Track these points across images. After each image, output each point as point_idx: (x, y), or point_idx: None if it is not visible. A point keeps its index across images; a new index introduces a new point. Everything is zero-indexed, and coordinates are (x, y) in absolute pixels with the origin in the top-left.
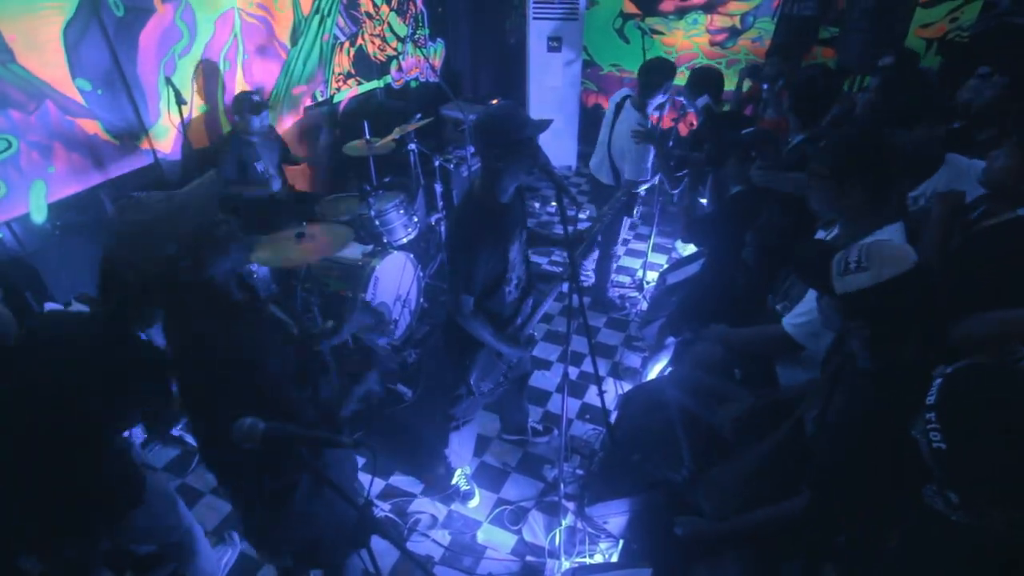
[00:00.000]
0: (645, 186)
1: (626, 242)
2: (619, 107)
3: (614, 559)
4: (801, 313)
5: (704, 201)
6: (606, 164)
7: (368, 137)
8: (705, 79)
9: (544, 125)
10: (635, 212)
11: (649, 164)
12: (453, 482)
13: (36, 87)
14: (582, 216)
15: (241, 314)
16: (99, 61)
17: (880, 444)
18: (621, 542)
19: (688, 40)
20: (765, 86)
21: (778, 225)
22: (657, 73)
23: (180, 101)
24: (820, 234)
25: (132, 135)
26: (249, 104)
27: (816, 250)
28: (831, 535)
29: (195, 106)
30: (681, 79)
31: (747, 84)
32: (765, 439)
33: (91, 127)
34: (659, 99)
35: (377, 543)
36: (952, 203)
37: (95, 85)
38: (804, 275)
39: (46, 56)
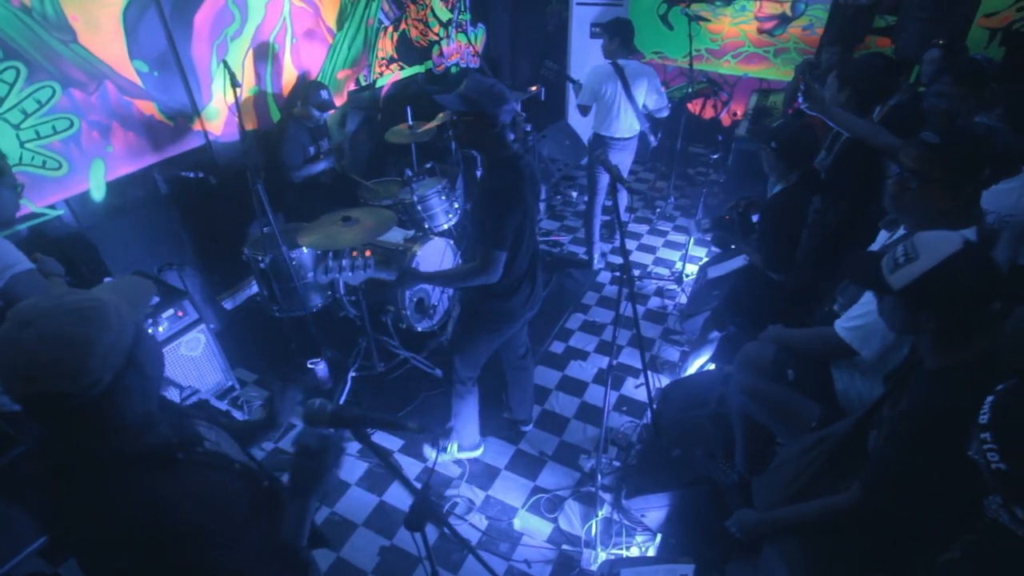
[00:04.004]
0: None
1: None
2: (616, 68)
3: (650, 553)
4: (855, 316)
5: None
6: (636, 119)
7: (411, 122)
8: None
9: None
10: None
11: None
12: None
13: (97, 68)
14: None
15: (169, 463)
16: (156, 43)
17: (941, 447)
18: (659, 536)
19: (735, 27)
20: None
21: (830, 223)
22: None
23: (235, 84)
24: (883, 235)
25: (185, 116)
26: (317, 100)
27: (866, 259)
28: (877, 539)
29: (245, 88)
30: (727, 68)
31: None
32: (818, 444)
33: (147, 108)
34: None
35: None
36: None
37: (151, 66)
38: (860, 282)
39: (106, 37)
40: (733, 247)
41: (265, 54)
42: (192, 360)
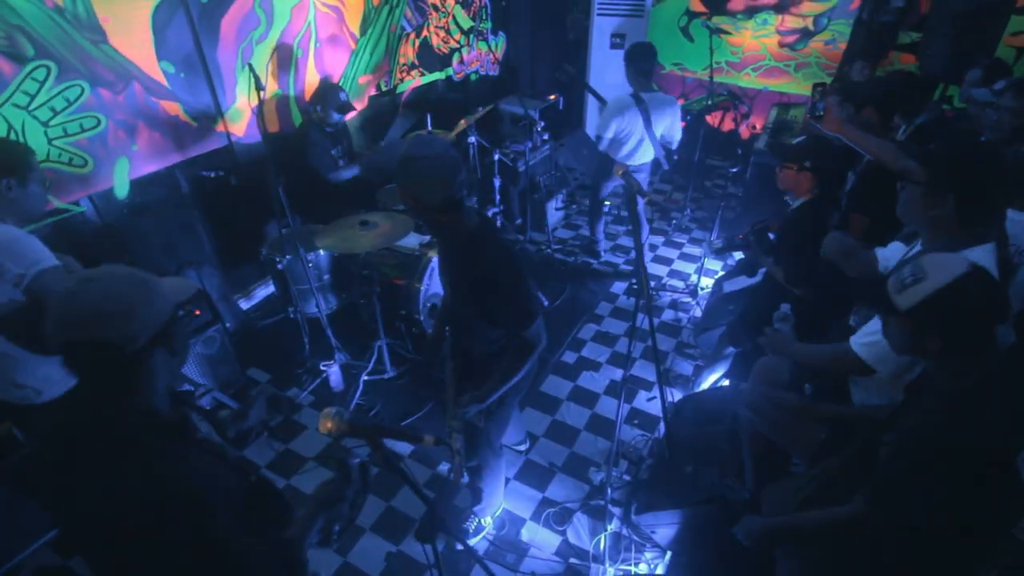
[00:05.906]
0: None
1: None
2: (638, 101)
3: (659, 570)
4: (870, 332)
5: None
6: (652, 147)
7: (430, 128)
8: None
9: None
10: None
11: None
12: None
13: (125, 68)
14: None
15: (175, 434)
16: (183, 45)
17: (950, 467)
18: (669, 553)
19: (756, 40)
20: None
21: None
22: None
23: (259, 87)
24: (899, 247)
25: (209, 117)
26: (336, 102)
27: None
28: (882, 555)
29: (268, 91)
30: (747, 81)
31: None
32: (828, 460)
33: (172, 108)
34: None
35: None
36: None
37: (178, 68)
38: (868, 302)
39: (135, 38)
40: (758, 269)
41: (289, 58)
42: (207, 358)
